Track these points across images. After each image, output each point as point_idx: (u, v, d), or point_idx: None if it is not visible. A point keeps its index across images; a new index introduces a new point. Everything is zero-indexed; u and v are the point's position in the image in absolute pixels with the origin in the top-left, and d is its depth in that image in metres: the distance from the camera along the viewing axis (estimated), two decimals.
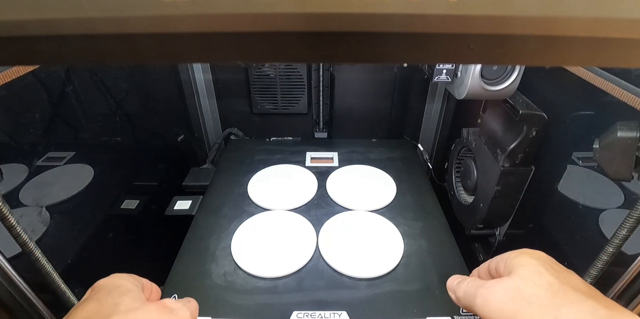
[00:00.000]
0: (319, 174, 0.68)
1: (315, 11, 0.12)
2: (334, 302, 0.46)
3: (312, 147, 0.77)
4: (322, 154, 0.75)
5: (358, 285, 0.48)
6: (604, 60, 0.14)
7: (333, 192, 0.64)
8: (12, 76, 0.35)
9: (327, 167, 0.71)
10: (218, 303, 0.45)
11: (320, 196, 0.63)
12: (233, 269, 0.50)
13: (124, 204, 0.65)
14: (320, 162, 0.72)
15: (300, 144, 0.80)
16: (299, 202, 0.62)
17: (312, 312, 0.44)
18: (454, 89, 0.53)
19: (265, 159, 0.73)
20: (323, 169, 0.70)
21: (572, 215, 0.49)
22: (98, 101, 0.61)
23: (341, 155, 0.75)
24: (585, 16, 0.12)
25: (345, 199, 0.62)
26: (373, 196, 0.63)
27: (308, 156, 0.74)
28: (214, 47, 0.13)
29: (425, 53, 0.13)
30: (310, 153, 0.75)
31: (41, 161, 0.47)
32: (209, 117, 0.91)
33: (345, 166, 0.71)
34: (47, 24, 0.12)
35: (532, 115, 0.50)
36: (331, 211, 0.60)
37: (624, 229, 0.34)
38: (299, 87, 0.82)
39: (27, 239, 0.33)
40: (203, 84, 0.86)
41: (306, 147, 0.77)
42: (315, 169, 0.70)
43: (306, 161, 0.73)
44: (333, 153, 0.75)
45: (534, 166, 0.55)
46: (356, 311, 0.44)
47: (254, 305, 0.45)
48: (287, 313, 0.44)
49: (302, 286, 0.48)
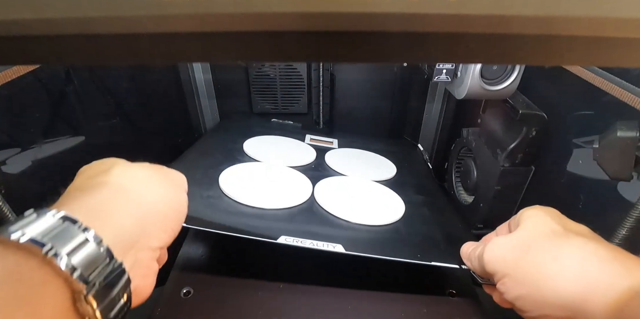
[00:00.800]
0: (319, 150, 0.65)
1: (315, 11, 0.12)
2: (327, 235, 0.41)
3: (312, 132, 0.75)
4: (322, 137, 0.73)
5: (356, 227, 0.44)
6: (604, 60, 0.14)
7: (332, 163, 0.61)
8: (12, 76, 0.35)
9: (327, 147, 0.68)
10: (198, 215, 0.41)
11: (318, 163, 0.60)
12: (218, 195, 0.46)
13: None
14: (319, 143, 0.70)
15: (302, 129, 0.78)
16: (296, 162, 0.58)
17: (302, 239, 0.38)
18: (454, 89, 0.53)
19: (262, 131, 0.70)
20: (322, 148, 0.67)
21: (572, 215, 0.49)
22: (98, 101, 0.61)
23: (341, 142, 0.73)
24: (585, 16, 0.12)
25: (344, 169, 0.60)
26: (373, 170, 0.61)
27: (307, 137, 0.72)
28: (214, 47, 0.13)
29: (425, 53, 0.13)
30: (310, 135, 0.73)
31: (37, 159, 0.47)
32: (209, 117, 0.91)
33: (345, 148, 0.69)
34: (47, 24, 0.12)
35: (532, 115, 0.50)
36: (328, 174, 0.57)
37: (624, 229, 0.34)
38: (299, 87, 0.82)
39: None
40: (203, 84, 0.86)
41: (306, 131, 0.75)
42: (315, 146, 0.67)
43: (305, 140, 0.70)
44: (333, 139, 0.73)
45: (534, 166, 0.55)
46: (352, 247, 0.38)
47: (238, 224, 0.41)
48: (274, 237, 0.39)
49: (293, 219, 0.44)
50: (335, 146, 0.70)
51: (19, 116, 0.43)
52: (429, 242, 0.44)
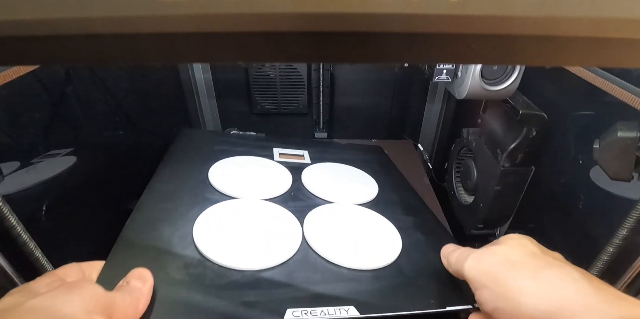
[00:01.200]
0: (292, 169, 0.59)
1: (315, 11, 0.12)
2: (335, 296, 0.36)
3: (278, 144, 0.67)
4: (292, 151, 0.66)
5: (361, 276, 0.40)
6: (604, 60, 0.14)
7: (311, 187, 0.55)
8: (12, 76, 0.35)
9: (299, 163, 0.62)
10: (178, 304, 0.32)
11: (296, 189, 0.54)
12: (197, 261, 0.37)
13: (124, 204, 0.65)
14: (290, 158, 0.63)
15: (267, 140, 0.69)
16: (273, 192, 0.51)
17: (311, 309, 0.34)
18: (454, 89, 0.53)
19: (225, 150, 0.61)
20: (295, 165, 0.60)
21: (573, 214, 0.49)
22: (98, 101, 0.61)
23: (312, 153, 0.66)
24: (585, 16, 0.12)
25: (326, 193, 0.54)
26: (356, 190, 0.57)
27: (276, 152, 0.64)
28: (214, 47, 0.13)
29: (425, 53, 0.13)
30: (278, 149, 0.65)
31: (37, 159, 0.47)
32: (209, 117, 0.91)
33: (318, 163, 0.63)
34: (47, 24, 0.12)
35: (532, 115, 0.50)
36: (312, 203, 0.51)
37: (624, 229, 0.34)
38: (299, 87, 0.82)
39: (27, 239, 0.33)
40: (203, 84, 0.86)
41: (272, 143, 0.67)
42: (286, 164, 0.60)
43: (274, 156, 0.63)
44: (303, 152, 0.66)
45: (534, 166, 0.55)
46: (365, 306, 0.35)
47: (231, 304, 0.33)
48: (281, 313, 0.33)
49: (292, 279, 0.38)
50: (307, 159, 0.63)
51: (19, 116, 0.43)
52: (433, 280, 0.40)
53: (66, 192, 0.50)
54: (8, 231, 0.32)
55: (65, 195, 0.50)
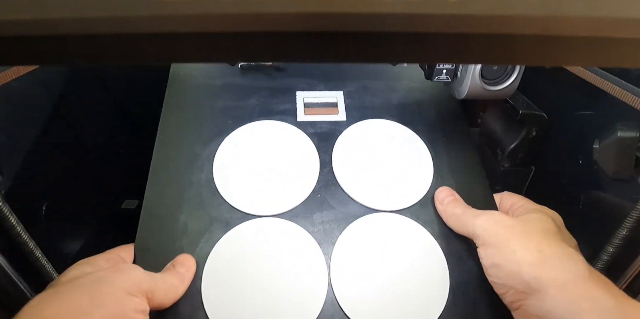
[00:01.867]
0: (321, 138, 0.41)
1: (315, 11, 0.12)
2: None
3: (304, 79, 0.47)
4: (322, 96, 0.45)
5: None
6: (604, 60, 0.14)
7: (343, 179, 0.39)
8: (12, 76, 0.35)
9: (331, 124, 0.43)
10: None
11: (324, 183, 0.38)
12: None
13: (124, 204, 0.65)
14: (320, 112, 0.44)
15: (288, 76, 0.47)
16: (293, 200, 0.37)
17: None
18: (454, 89, 0.53)
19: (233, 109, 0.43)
20: (325, 128, 0.42)
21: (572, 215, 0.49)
22: (98, 101, 0.61)
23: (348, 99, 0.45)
24: (585, 16, 0.12)
25: (363, 190, 0.38)
26: (404, 182, 0.39)
27: (300, 100, 0.44)
28: (214, 47, 0.13)
29: (425, 53, 0.13)
30: (304, 94, 0.45)
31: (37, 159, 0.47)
32: None
33: (359, 122, 0.43)
34: (47, 24, 0.12)
35: (532, 115, 0.50)
36: (345, 213, 0.37)
37: (624, 229, 0.34)
38: None
39: (27, 239, 0.33)
40: None
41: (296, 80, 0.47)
42: (313, 130, 0.42)
43: (298, 109, 0.44)
44: (337, 93, 0.45)
45: (534, 166, 0.55)
46: None
47: None
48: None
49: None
50: (341, 112, 0.43)
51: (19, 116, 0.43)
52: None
53: (66, 192, 0.51)
54: (8, 231, 0.32)
55: (65, 195, 0.50)
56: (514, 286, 0.27)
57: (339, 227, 0.36)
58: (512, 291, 0.27)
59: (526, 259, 0.27)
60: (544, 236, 0.28)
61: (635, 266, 0.35)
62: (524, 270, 0.26)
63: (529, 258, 0.27)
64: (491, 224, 0.30)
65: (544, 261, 0.26)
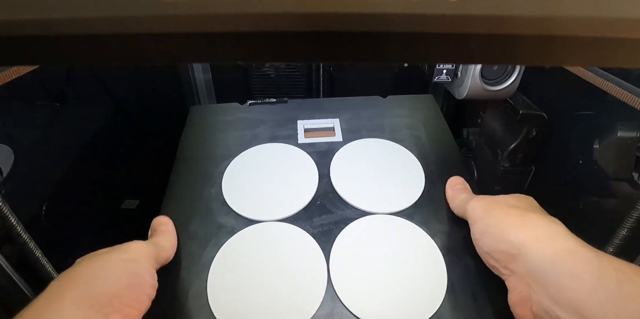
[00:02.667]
0: (319, 155, 0.46)
1: (315, 11, 0.12)
2: None
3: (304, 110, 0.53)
4: (320, 123, 0.51)
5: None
6: (604, 60, 0.14)
7: (340, 186, 0.42)
8: (12, 76, 0.35)
9: (329, 143, 0.47)
10: None
11: (323, 192, 0.42)
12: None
13: (124, 204, 0.65)
14: (318, 136, 0.49)
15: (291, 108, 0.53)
16: (294, 207, 0.40)
17: None
18: (454, 89, 0.53)
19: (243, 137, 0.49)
20: (323, 147, 0.47)
21: (572, 215, 0.49)
22: (98, 101, 0.61)
23: (343, 123, 0.50)
24: (585, 16, 0.12)
25: (358, 196, 0.41)
26: (397, 188, 0.42)
27: (301, 126, 0.50)
28: (214, 47, 0.13)
29: (425, 53, 0.13)
30: (303, 122, 0.51)
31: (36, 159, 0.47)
32: None
33: (354, 141, 0.48)
34: (47, 24, 0.12)
35: (532, 115, 0.50)
36: (342, 216, 0.40)
37: (624, 229, 0.34)
38: (299, 87, 0.82)
39: (27, 239, 0.33)
40: (203, 84, 0.86)
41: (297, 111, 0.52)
42: (312, 149, 0.47)
43: (299, 132, 0.49)
44: (334, 121, 0.51)
45: (534, 166, 0.55)
46: None
47: None
48: None
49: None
50: (338, 134, 0.49)
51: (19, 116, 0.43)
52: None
53: (66, 192, 0.50)
54: (8, 231, 0.32)
55: (65, 195, 0.50)
56: (501, 250, 0.29)
57: (338, 228, 0.38)
58: (500, 256, 0.29)
59: (509, 223, 0.29)
60: (525, 208, 0.31)
61: None
62: (507, 232, 0.28)
63: (512, 221, 0.29)
64: (479, 202, 0.34)
65: (524, 223, 0.29)
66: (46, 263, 0.35)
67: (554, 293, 0.24)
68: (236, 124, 0.50)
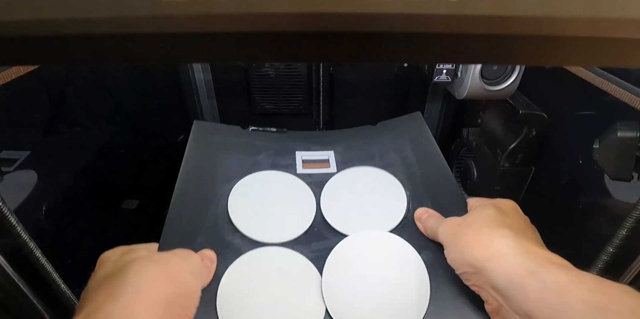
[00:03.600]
0: (316, 184, 0.50)
1: (315, 11, 0.12)
2: None
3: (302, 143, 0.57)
4: (316, 155, 0.56)
5: None
6: (604, 60, 0.14)
7: (329, 214, 0.46)
8: (12, 76, 0.35)
9: (324, 174, 0.52)
10: None
11: (320, 218, 0.46)
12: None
13: (124, 204, 0.65)
14: (315, 167, 0.54)
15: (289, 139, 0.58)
16: (294, 231, 0.44)
17: None
18: (454, 89, 0.53)
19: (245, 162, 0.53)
20: (319, 178, 0.52)
21: (573, 215, 0.49)
22: (98, 101, 0.61)
23: (338, 154, 0.56)
24: (585, 16, 0.12)
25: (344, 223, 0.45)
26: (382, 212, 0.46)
27: (299, 157, 0.55)
28: (214, 47, 0.13)
29: (425, 53, 0.13)
30: (301, 153, 0.55)
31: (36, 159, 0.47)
32: (209, 117, 0.91)
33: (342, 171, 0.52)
34: (47, 24, 0.12)
35: (532, 115, 0.50)
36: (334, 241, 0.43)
37: (624, 229, 0.34)
38: (299, 87, 0.82)
39: (27, 239, 0.33)
40: (203, 84, 0.86)
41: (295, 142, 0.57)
42: (309, 179, 0.51)
43: (297, 163, 0.54)
44: (328, 152, 0.56)
45: (534, 166, 0.55)
46: None
47: None
48: None
49: None
50: (332, 165, 0.53)
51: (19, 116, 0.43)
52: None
53: (66, 192, 0.50)
54: (8, 231, 0.32)
55: (65, 195, 0.50)
56: (466, 270, 0.31)
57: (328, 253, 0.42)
58: (468, 275, 0.31)
59: (467, 243, 0.32)
60: (482, 224, 0.33)
61: (635, 266, 0.35)
62: (465, 254, 0.31)
63: (469, 241, 0.32)
64: (446, 227, 0.36)
65: (479, 243, 0.31)
66: (46, 262, 0.35)
67: (512, 304, 0.27)
68: (239, 148, 0.54)
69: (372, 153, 0.55)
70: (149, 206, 0.68)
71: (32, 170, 0.45)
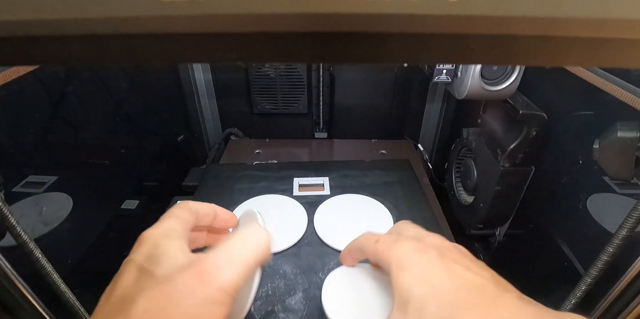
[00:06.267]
0: (310, 204, 0.57)
1: (315, 11, 0.12)
2: None
3: (300, 170, 0.66)
4: (312, 180, 0.63)
5: None
6: (604, 60, 0.14)
7: (321, 230, 0.52)
8: (12, 76, 0.35)
9: (318, 196, 0.59)
10: None
11: (311, 232, 0.52)
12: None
13: (124, 204, 0.65)
14: (310, 190, 0.61)
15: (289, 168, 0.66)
16: (287, 242, 0.50)
17: None
18: (454, 89, 0.53)
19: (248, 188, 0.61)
20: (313, 199, 0.59)
21: (573, 215, 0.49)
22: (98, 101, 0.61)
23: (332, 181, 0.63)
24: (585, 16, 0.12)
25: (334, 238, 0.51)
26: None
27: (296, 183, 0.62)
28: (214, 47, 0.13)
29: (425, 53, 0.13)
30: (299, 179, 0.63)
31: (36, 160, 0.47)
32: (209, 117, 0.91)
33: (339, 195, 0.60)
34: (47, 24, 0.12)
35: (532, 115, 0.50)
36: (323, 252, 0.48)
37: (624, 229, 0.34)
38: (299, 87, 0.82)
39: (27, 239, 0.33)
40: (203, 84, 0.86)
41: (294, 171, 0.65)
42: (304, 199, 0.58)
43: (294, 186, 0.61)
44: (324, 179, 0.64)
45: (534, 166, 0.55)
46: None
47: None
48: None
49: None
50: (326, 189, 0.61)
51: (19, 116, 0.43)
52: None
53: (66, 192, 0.51)
54: (8, 231, 0.32)
55: (65, 195, 0.50)
56: None
57: (321, 262, 0.47)
58: None
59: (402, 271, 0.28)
60: None
61: (636, 266, 0.35)
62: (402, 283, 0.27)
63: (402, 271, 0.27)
64: None
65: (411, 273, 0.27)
66: (46, 263, 0.35)
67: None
68: (243, 179, 0.63)
69: (363, 182, 0.63)
70: (149, 206, 0.68)
71: None
